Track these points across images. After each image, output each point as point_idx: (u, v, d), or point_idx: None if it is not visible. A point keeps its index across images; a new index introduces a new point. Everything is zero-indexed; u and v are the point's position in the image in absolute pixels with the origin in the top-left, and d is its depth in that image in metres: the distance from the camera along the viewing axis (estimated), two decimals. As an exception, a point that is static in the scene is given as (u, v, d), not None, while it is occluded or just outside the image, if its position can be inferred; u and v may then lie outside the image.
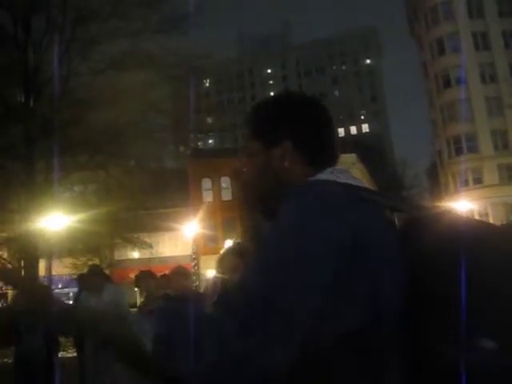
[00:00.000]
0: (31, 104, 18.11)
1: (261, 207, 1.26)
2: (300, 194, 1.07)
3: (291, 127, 1.22)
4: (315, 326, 0.95)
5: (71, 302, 7.40)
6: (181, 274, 5.33)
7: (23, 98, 18.40)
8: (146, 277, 5.96)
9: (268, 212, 1.22)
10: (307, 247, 0.98)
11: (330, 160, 1.22)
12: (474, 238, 1.04)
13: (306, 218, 1.01)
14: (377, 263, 1.01)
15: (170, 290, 5.26)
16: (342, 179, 1.14)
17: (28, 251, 18.35)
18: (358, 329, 0.98)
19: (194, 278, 28.77)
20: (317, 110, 1.26)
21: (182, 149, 39.96)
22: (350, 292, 0.98)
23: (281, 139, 1.21)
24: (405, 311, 1.01)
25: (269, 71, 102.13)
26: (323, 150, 1.22)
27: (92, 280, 6.72)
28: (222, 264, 3.05)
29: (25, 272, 18.65)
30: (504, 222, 39.10)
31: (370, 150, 56.33)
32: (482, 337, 0.96)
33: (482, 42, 46.49)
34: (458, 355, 0.95)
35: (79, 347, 7.26)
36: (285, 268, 0.97)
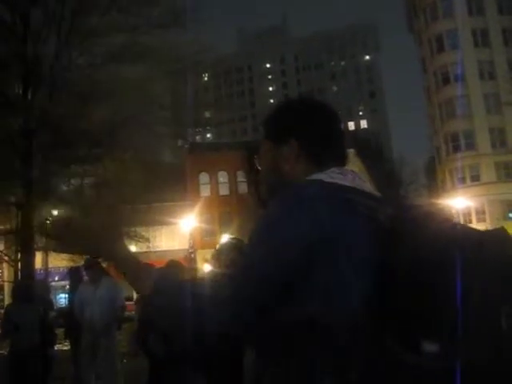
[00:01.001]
0: (29, 96, 18.04)
1: (266, 201, 1.34)
2: (284, 192, 1.19)
3: (298, 128, 1.33)
4: (270, 300, 1.12)
5: (67, 295, 7.42)
6: (173, 268, 5.32)
7: (21, 90, 18.33)
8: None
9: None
10: (275, 237, 1.13)
11: (336, 160, 1.30)
12: (458, 241, 1.07)
13: (279, 213, 1.15)
14: (342, 260, 1.08)
15: None
16: (335, 179, 1.21)
17: (25, 244, 18.33)
18: (310, 317, 1.08)
19: (193, 271, 28.79)
20: (325, 113, 1.40)
21: (179, 143, 39.91)
22: (306, 281, 1.09)
23: (288, 138, 1.31)
24: (366, 308, 1.05)
25: (267, 66, 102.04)
26: (328, 150, 1.32)
27: (89, 272, 6.72)
28: (219, 259, 3.05)
29: (21, 265, 18.66)
30: (500, 220, 39.28)
31: (368, 146, 56.33)
32: (426, 340, 1.00)
33: (481, 39, 46.48)
34: (405, 357, 1.00)
35: (74, 340, 7.27)
36: (257, 252, 1.15)
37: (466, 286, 0.99)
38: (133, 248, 32.14)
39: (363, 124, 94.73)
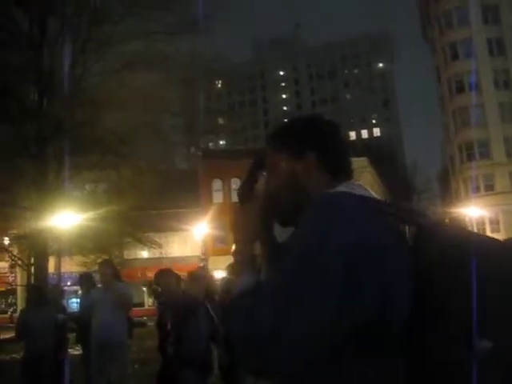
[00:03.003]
0: (44, 103, 18.26)
1: (283, 216, 1.36)
2: (324, 206, 1.16)
3: (315, 141, 1.35)
4: (330, 324, 1.07)
5: (79, 300, 7.45)
6: (195, 278, 5.40)
7: (37, 97, 18.55)
8: (166, 275, 5.99)
9: (288, 220, 1.33)
10: (328, 256, 1.07)
11: (347, 173, 1.35)
12: (478, 250, 1.13)
13: (330, 228, 1.10)
14: (389, 273, 1.09)
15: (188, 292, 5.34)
16: (358, 192, 1.25)
17: (38, 248, 18.49)
18: (365, 328, 1.07)
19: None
20: (335, 129, 1.41)
21: (192, 150, 40.08)
22: (361, 296, 1.07)
23: (306, 152, 1.33)
24: (411, 316, 1.09)
25: (281, 73, 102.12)
26: (341, 164, 1.36)
27: (102, 272, 6.74)
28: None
29: (35, 269, 18.80)
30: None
31: (381, 154, 56.12)
32: (481, 337, 1.04)
33: (496, 47, 46.20)
34: (458, 354, 1.05)
35: (84, 344, 7.30)
36: (308, 272, 1.08)
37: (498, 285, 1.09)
38: (145, 254, 32.30)
39: (376, 132, 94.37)
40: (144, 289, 33.77)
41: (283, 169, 1.35)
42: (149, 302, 37.13)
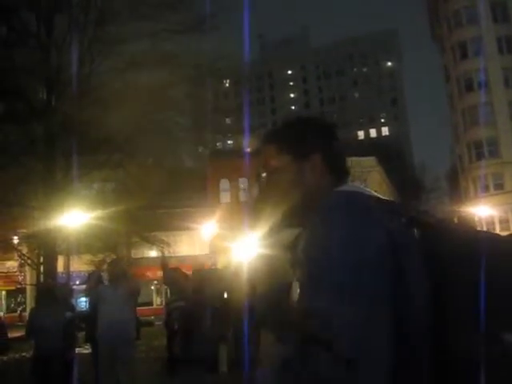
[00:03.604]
0: (53, 102, 18.33)
1: (288, 217, 1.32)
2: (343, 205, 1.16)
3: (320, 142, 1.35)
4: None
5: (89, 298, 7.46)
6: (201, 277, 5.38)
7: (45, 96, 18.63)
8: (175, 274, 6.00)
9: (294, 221, 1.31)
10: (366, 256, 1.06)
11: (346, 174, 1.36)
12: (492, 245, 1.15)
13: (359, 228, 1.10)
14: (409, 270, 1.10)
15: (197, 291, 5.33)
16: (365, 190, 1.26)
17: (47, 247, 18.58)
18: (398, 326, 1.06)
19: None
20: (332, 129, 1.41)
21: (200, 149, 40.11)
22: (394, 293, 1.07)
23: (311, 153, 1.32)
24: (432, 310, 1.10)
25: (289, 72, 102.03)
26: (342, 164, 1.38)
27: (112, 270, 6.76)
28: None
29: (44, 268, 18.89)
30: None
31: (390, 154, 55.96)
32: (505, 331, 1.06)
33: (506, 46, 45.93)
34: (483, 348, 1.05)
35: (93, 343, 7.31)
36: (354, 283, 1.05)
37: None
38: (153, 253, 32.35)
39: (385, 131, 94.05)
40: (152, 288, 33.88)
41: (290, 170, 1.33)
42: (157, 301, 37.24)
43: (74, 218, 17.68)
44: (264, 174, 1.38)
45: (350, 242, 1.07)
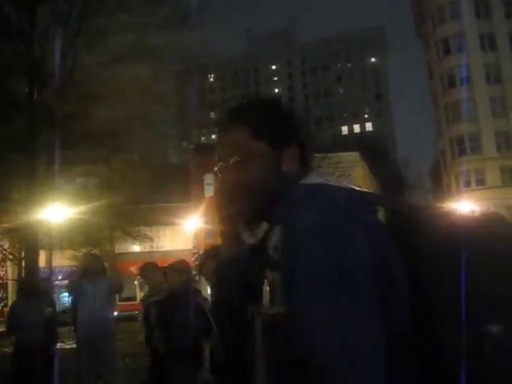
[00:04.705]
0: (35, 95, 18.12)
1: (255, 209, 1.20)
2: (312, 202, 1.09)
3: (295, 129, 1.26)
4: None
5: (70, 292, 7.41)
6: (176, 270, 5.34)
7: (27, 89, 18.41)
8: (150, 268, 5.99)
9: (261, 213, 1.19)
10: (351, 260, 1.01)
11: (311, 163, 1.29)
12: (474, 235, 1.11)
13: (337, 227, 1.03)
14: (388, 264, 1.05)
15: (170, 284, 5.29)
16: (333, 182, 1.18)
17: (29, 242, 18.40)
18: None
19: (195, 272, 28.79)
20: (301, 116, 1.36)
21: (184, 144, 39.96)
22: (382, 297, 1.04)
23: (288, 141, 1.23)
24: (412, 306, 1.06)
25: (273, 68, 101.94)
26: (310, 153, 1.29)
27: (90, 264, 6.72)
28: (204, 270, 3.02)
29: (25, 263, 18.72)
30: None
31: (373, 149, 56.23)
32: (488, 323, 1.04)
33: (488, 42, 46.37)
34: (466, 341, 1.03)
35: (78, 339, 7.27)
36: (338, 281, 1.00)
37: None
38: (136, 248, 32.21)
39: (368, 126, 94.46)
40: (135, 283, 33.74)
41: (266, 159, 1.21)
42: (140, 296, 37.11)
43: (57, 212, 17.53)
44: (233, 160, 1.22)
45: (331, 244, 1.02)
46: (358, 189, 1.19)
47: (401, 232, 1.11)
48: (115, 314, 6.98)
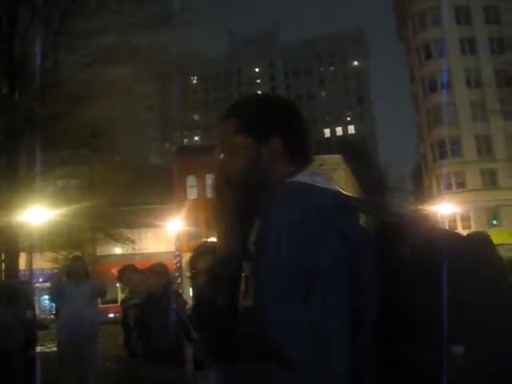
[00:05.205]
0: (16, 96, 17.92)
1: (242, 202, 1.23)
2: (291, 200, 1.08)
3: (281, 124, 1.26)
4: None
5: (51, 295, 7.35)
6: (155, 272, 5.32)
7: (8, 90, 18.19)
8: (129, 271, 5.96)
9: (246, 209, 1.21)
10: (314, 262, 1.01)
11: (307, 160, 1.27)
12: (447, 248, 1.09)
13: (312, 231, 1.03)
14: (363, 268, 1.05)
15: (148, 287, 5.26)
16: (320, 183, 1.16)
17: (9, 244, 18.16)
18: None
19: (177, 274, 28.69)
20: (298, 112, 1.32)
21: (167, 145, 39.80)
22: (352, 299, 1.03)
23: (272, 135, 1.24)
24: (382, 315, 1.06)
25: (256, 70, 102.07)
26: (303, 149, 1.28)
27: (75, 266, 6.67)
28: (196, 265, 3.03)
29: (5, 266, 18.47)
30: (484, 227, 39.57)
31: (356, 152, 56.60)
32: (453, 343, 1.02)
33: (468, 47, 46.96)
34: (431, 360, 1.01)
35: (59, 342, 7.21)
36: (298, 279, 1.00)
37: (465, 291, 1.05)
38: (118, 250, 32.01)
39: (351, 129, 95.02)
40: (118, 285, 33.52)
41: (246, 152, 1.23)
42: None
43: (37, 214, 17.34)
44: (220, 151, 1.29)
45: (301, 243, 1.02)
46: (342, 192, 1.17)
47: (380, 239, 1.11)
48: (99, 316, 6.92)
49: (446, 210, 37.42)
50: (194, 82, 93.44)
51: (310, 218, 1.04)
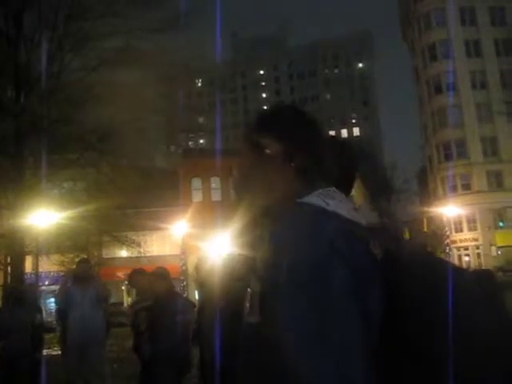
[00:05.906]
0: (22, 100, 18.00)
1: (250, 208, 1.24)
2: (295, 224, 1.07)
3: (289, 137, 1.22)
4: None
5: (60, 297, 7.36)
6: (159, 276, 5.37)
7: (14, 94, 18.28)
8: (138, 275, 5.99)
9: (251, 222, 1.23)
10: (325, 295, 1.00)
11: (326, 179, 1.21)
12: (441, 281, 1.10)
13: (321, 260, 1.02)
14: (370, 303, 1.04)
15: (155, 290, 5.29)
16: (332, 206, 1.13)
17: (15, 247, 18.22)
18: None
19: (182, 278, 28.71)
20: (316, 125, 1.28)
21: (172, 148, 39.88)
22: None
23: (275, 147, 1.21)
24: (383, 343, 1.05)
25: (261, 73, 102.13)
26: (317, 166, 1.22)
27: (83, 269, 6.70)
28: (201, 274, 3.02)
29: (11, 269, 18.54)
30: (490, 229, 39.32)
31: (361, 154, 56.43)
32: (448, 381, 1.02)
33: (473, 49, 46.86)
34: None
35: (64, 345, 7.23)
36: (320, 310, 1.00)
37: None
38: (124, 253, 32.05)
39: (356, 132, 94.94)
40: (123, 288, 33.55)
41: (249, 163, 1.24)
42: (128, 301, 36.88)
43: (43, 217, 17.39)
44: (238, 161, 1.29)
45: (311, 279, 1.00)
46: (351, 219, 1.14)
47: (385, 267, 1.10)
48: (105, 319, 6.93)
49: (451, 212, 37.32)
50: (199, 85, 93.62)
51: (318, 249, 1.03)
